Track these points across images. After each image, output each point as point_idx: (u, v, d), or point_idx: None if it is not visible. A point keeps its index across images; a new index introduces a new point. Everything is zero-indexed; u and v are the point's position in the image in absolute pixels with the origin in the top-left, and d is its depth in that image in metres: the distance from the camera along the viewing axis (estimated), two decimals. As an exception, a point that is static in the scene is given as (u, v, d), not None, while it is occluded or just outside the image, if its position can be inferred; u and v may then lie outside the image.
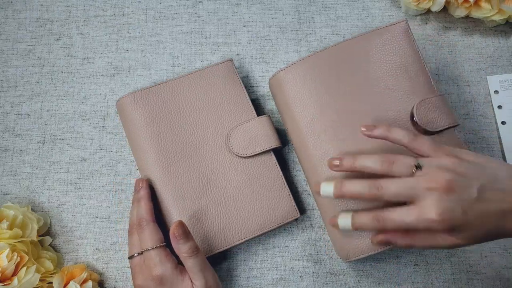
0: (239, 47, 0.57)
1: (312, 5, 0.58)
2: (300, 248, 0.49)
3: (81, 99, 0.54)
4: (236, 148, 0.47)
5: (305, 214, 0.50)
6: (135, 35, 0.57)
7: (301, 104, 0.47)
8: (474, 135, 0.53)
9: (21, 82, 0.55)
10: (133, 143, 0.48)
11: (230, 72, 0.51)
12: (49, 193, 0.51)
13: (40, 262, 0.45)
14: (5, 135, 0.53)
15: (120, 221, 0.50)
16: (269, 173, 0.48)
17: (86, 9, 0.58)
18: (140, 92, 0.49)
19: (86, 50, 0.56)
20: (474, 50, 0.57)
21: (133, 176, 0.52)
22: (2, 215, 0.45)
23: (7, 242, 0.43)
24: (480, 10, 0.54)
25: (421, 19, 0.58)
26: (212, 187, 0.47)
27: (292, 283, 0.48)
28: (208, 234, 0.45)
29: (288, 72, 0.47)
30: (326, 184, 0.40)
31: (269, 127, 0.48)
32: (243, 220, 0.46)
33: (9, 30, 0.57)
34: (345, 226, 0.40)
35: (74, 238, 0.50)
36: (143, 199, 0.45)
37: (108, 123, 0.54)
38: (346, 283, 0.48)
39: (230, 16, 0.58)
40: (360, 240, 0.43)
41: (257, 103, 0.54)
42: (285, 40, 0.57)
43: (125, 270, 0.49)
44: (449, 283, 0.48)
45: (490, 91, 0.55)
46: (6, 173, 0.52)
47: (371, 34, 0.48)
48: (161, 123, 0.48)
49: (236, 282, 0.48)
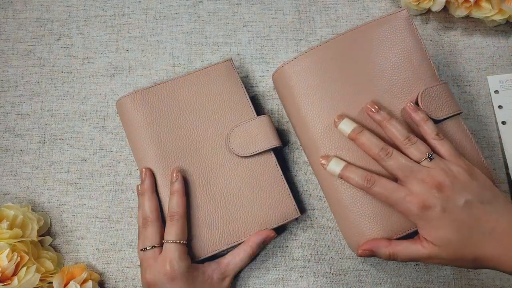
0: (240, 47, 0.57)
1: (312, 5, 0.58)
2: (300, 248, 0.49)
3: (81, 99, 0.55)
4: (236, 148, 0.47)
5: (305, 213, 0.50)
6: (135, 35, 0.57)
7: (307, 97, 0.46)
8: (474, 135, 0.53)
9: (21, 82, 0.55)
10: (133, 143, 0.48)
11: (230, 71, 0.51)
12: (49, 193, 0.51)
13: (40, 262, 0.45)
14: (6, 135, 0.53)
15: (120, 221, 0.50)
16: (269, 173, 0.48)
17: (86, 9, 0.58)
18: (140, 92, 0.49)
19: (86, 50, 0.56)
20: (474, 50, 0.57)
21: (134, 176, 0.52)
22: (2, 215, 0.45)
23: (7, 242, 0.43)
24: (480, 10, 0.54)
25: (421, 19, 0.58)
26: (212, 187, 0.47)
27: (292, 283, 0.48)
28: (208, 234, 0.45)
29: (293, 66, 0.47)
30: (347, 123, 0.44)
31: (269, 127, 0.48)
32: (243, 219, 0.46)
33: (9, 30, 0.57)
34: (334, 170, 0.43)
35: (74, 238, 0.50)
36: (178, 193, 0.45)
37: (109, 123, 0.54)
38: (346, 283, 0.48)
39: (231, 16, 0.58)
40: (371, 232, 0.43)
41: (257, 103, 0.54)
42: (286, 40, 0.57)
43: (125, 270, 0.49)
44: (449, 283, 0.48)
45: (490, 91, 0.55)
46: (6, 173, 0.52)
47: (373, 24, 0.47)
48: (161, 123, 0.48)
49: (236, 282, 0.48)
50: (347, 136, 0.44)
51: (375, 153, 0.42)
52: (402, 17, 0.48)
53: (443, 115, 0.45)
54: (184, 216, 0.44)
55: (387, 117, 0.43)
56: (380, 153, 0.42)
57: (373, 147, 0.42)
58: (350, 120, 0.44)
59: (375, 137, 0.43)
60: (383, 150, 0.42)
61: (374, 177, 0.41)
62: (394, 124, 0.43)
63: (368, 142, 0.42)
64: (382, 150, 0.42)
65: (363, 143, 0.43)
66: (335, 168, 0.43)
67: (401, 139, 0.42)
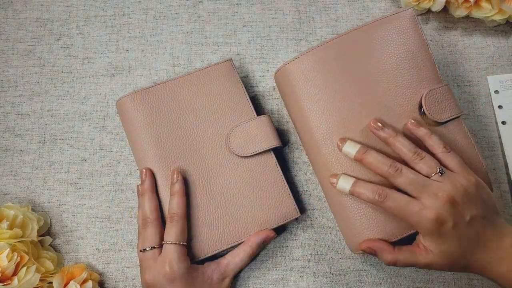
0: (239, 47, 0.57)
1: (312, 5, 0.58)
2: (300, 248, 0.49)
3: (81, 99, 0.55)
4: (236, 148, 0.47)
5: (305, 213, 0.50)
6: (135, 35, 0.57)
7: (310, 96, 0.46)
8: (474, 135, 0.53)
9: (21, 82, 0.55)
10: (133, 143, 0.48)
11: (230, 71, 0.51)
12: (49, 193, 0.51)
13: (40, 262, 0.45)
14: (6, 135, 0.53)
15: (120, 221, 0.50)
16: (269, 173, 0.48)
17: (86, 9, 0.58)
18: (140, 92, 0.49)
19: (86, 50, 0.56)
20: (474, 50, 0.57)
21: (134, 176, 0.52)
22: (2, 215, 0.45)
23: (7, 242, 0.43)
24: (480, 10, 0.54)
25: (422, 19, 0.58)
26: (212, 187, 0.47)
27: (292, 283, 0.48)
28: (208, 234, 0.45)
29: (296, 65, 0.46)
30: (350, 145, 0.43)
31: (269, 127, 0.48)
32: (243, 219, 0.46)
33: (9, 30, 0.57)
34: (344, 188, 0.43)
35: (74, 238, 0.50)
36: (178, 194, 0.45)
37: (109, 123, 0.54)
38: (346, 283, 0.48)
39: (230, 16, 0.58)
40: (371, 233, 0.43)
41: (257, 103, 0.54)
42: (286, 40, 0.57)
43: (125, 270, 0.49)
44: (449, 283, 0.48)
45: (490, 91, 0.55)
46: (6, 173, 0.52)
47: (377, 23, 0.47)
48: (161, 123, 0.48)
49: (236, 282, 0.48)
50: (353, 157, 0.43)
51: (384, 171, 0.41)
52: (407, 17, 0.47)
53: (446, 118, 0.45)
54: (184, 217, 0.44)
55: (393, 134, 0.43)
56: (389, 170, 0.41)
57: (381, 165, 0.41)
58: (353, 142, 0.43)
59: (381, 155, 0.42)
60: (392, 167, 0.41)
61: (385, 190, 0.41)
62: (401, 140, 0.42)
63: (375, 161, 0.42)
64: (391, 167, 0.41)
65: (370, 163, 0.42)
66: (345, 185, 0.43)
67: (409, 155, 0.41)
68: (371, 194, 0.41)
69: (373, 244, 0.42)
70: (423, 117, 0.45)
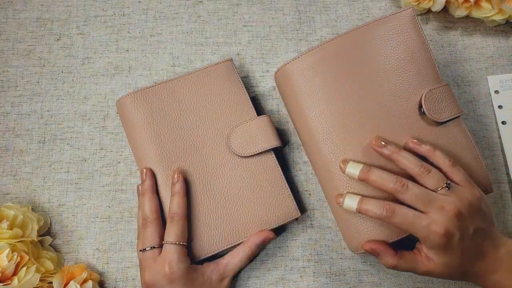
0: (240, 47, 0.57)
1: (312, 5, 0.58)
2: (300, 248, 0.49)
3: (81, 99, 0.55)
4: (236, 148, 0.47)
5: (305, 213, 0.50)
6: (135, 35, 0.57)
7: (310, 96, 0.46)
8: (474, 135, 0.53)
9: (21, 82, 0.55)
10: (134, 143, 0.48)
11: (230, 71, 0.51)
12: (49, 193, 0.51)
13: (40, 262, 0.45)
14: (6, 135, 0.53)
15: (120, 221, 0.50)
16: (269, 173, 0.48)
17: (86, 9, 0.58)
18: (140, 92, 0.49)
19: (86, 50, 0.56)
20: (474, 50, 0.57)
21: (134, 176, 0.52)
22: (2, 215, 0.45)
23: (7, 242, 0.43)
24: (480, 10, 0.54)
25: (421, 19, 0.58)
26: (212, 187, 0.47)
27: (292, 283, 0.48)
28: (208, 234, 0.45)
29: (296, 64, 0.46)
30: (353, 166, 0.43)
31: (269, 127, 0.48)
32: (243, 219, 0.46)
33: (9, 30, 0.57)
34: (350, 206, 0.42)
35: (74, 238, 0.50)
36: (179, 194, 0.45)
37: (109, 123, 0.54)
38: (346, 283, 0.48)
39: (230, 16, 0.58)
40: (371, 233, 0.43)
41: (257, 103, 0.54)
42: (286, 40, 0.57)
43: (125, 270, 0.49)
44: (449, 283, 0.48)
45: (490, 91, 0.55)
46: (6, 173, 0.52)
47: (377, 23, 0.47)
48: (161, 123, 0.48)
49: (236, 282, 0.48)
50: (357, 178, 0.42)
51: (390, 188, 0.40)
52: (407, 16, 0.47)
53: (446, 117, 0.45)
54: (184, 217, 0.44)
55: (396, 150, 0.42)
56: (395, 186, 0.40)
57: (386, 182, 0.41)
58: (355, 162, 0.43)
59: (385, 172, 0.42)
60: (398, 183, 0.40)
61: (392, 206, 0.40)
62: (405, 156, 0.42)
63: (379, 179, 0.41)
64: (397, 183, 0.40)
65: (374, 181, 0.41)
66: (351, 204, 0.42)
67: (416, 170, 0.41)
68: (378, 210, 0.40)
69: (377, 246, 0.42)
70: (423, 116, 0.45)
